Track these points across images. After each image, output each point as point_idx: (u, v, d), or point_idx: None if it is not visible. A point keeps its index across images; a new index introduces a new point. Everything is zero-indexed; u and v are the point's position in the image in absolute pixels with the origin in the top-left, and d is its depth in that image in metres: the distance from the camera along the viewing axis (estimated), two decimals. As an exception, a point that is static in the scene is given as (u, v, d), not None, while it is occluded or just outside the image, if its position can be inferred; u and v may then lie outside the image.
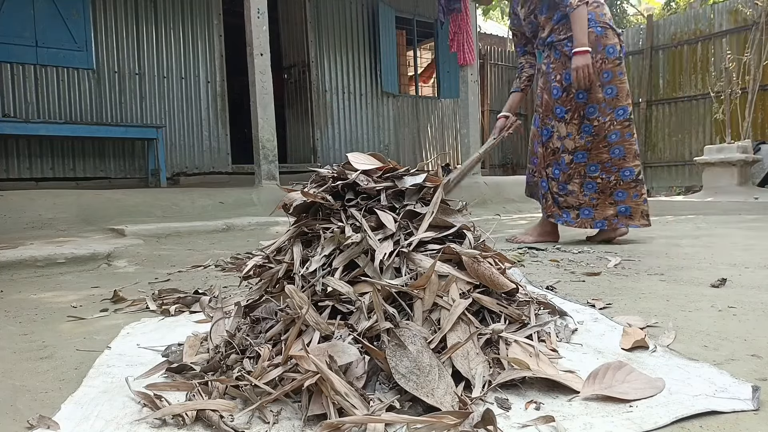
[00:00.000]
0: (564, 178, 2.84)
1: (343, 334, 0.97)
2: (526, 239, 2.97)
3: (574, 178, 2.82)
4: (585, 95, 2.74)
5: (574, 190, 2.82)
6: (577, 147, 2.79)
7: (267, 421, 0.82)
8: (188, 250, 2.91)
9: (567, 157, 2.81)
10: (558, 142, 2.83)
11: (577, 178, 2.82)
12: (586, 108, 2.75)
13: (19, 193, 3.73)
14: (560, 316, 1.24)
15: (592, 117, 2.75)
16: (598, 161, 2.78)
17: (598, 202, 2.80)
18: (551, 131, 2.85)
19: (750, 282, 1.75)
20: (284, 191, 1.38)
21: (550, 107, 2.83)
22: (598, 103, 2.73)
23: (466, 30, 6.40)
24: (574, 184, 2.82)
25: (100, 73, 6.05)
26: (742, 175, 6.79)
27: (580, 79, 2.66)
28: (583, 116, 2.77)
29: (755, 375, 0.95)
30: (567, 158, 2.81)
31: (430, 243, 1.18)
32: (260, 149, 4.69)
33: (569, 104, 2.77)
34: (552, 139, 2.85)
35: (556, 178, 2.87)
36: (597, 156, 2.77)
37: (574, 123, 2.78)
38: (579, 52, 2.65)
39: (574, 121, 2.78)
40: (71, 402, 0.92)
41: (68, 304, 1.77)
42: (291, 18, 7.90)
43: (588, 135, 2.77)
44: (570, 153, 2.80)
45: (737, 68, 7.53)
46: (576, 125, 2.78)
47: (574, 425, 0.78)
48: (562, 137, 2.81)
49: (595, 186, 2.79)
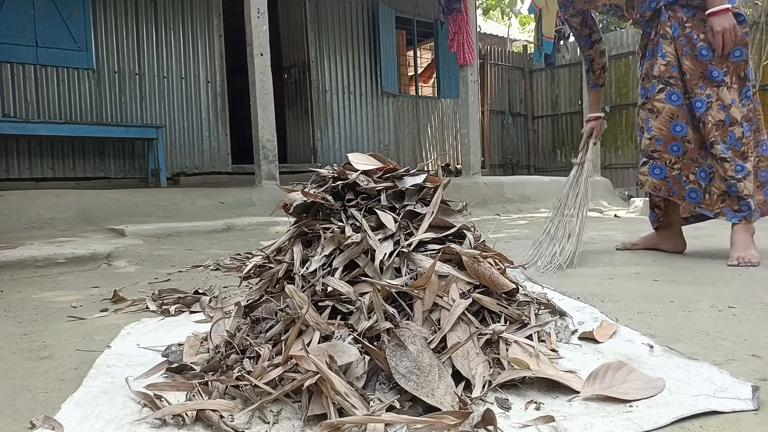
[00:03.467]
0: (738, 156, 2.19)
1: (343, 334, 0.97)
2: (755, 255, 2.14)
3: (748, 156, 2.20)
4: (744, 52, 2.21)
5: (751, 171, 2.19)
6: (743, 116, 2.22)
7: (267, 421, 0.82)
8: (188, 250, 2.91)
9: (737, 129, 2.20)
10: (722, 112, 2.20)
11: (752, 157, 2.22)
12: (747, 67, 2.24)
13: (19, 193, 3.73)
14: (560, 316, 1.24)
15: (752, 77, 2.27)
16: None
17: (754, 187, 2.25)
18: (707, 101, 2.22)
19: (750, 282, 1.75)
20: (284, 191, 1.38)
21: (699, 73, 2.23)
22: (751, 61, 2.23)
23: (466, 30, 6.40)
24: (750, 163, 2.20)
25: (100, 73, 6.05)
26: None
27: (727, 45, 2.15)
28: (744, 77, 2.24)
29: (755, 375, 0.95)
30: (738, 131, 2.20)
31: (430, 243, 1.18)
32: (260, 149, 4.69)
33: (725, 65, 2.21)
34: (711, 111, 2.21)
35: (730, 158, 2.18)
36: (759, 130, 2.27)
37: (735, 87, 2.23)
38: (719, 11, 2.14)
39: (734, 84, 2.23)
40: (71, 402, 0.92)
41: (68, 304, 1.77)
42: (291, 18, 7.90)
43: (749, 101, 2.25)
44: (740, 125, 2.20)
45: (737, 68, 7.53)
46: (737, 90, 2.23)
47: (574, 425, 0.78)
48: (726, 106, 2.20)
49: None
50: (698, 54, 2.23)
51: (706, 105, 2.22)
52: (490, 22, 16.10)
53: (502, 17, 16.96)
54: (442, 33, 8.13)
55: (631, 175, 9.64)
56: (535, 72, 11.11)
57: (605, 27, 13.63)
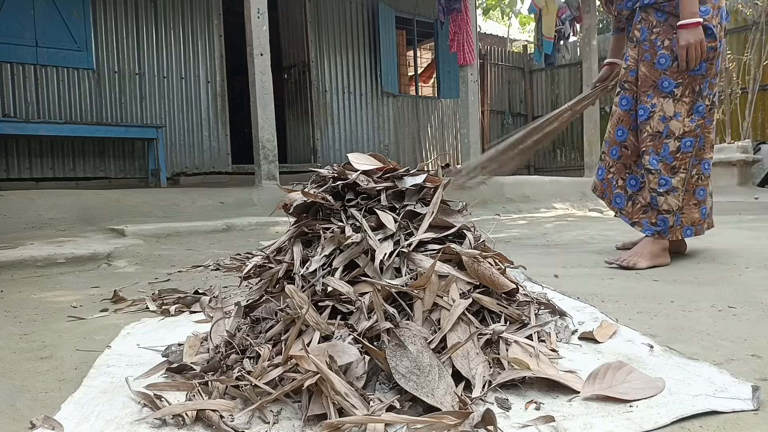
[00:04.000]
0: (667, 170, 2.18)
1: (343, 334, 0.97)
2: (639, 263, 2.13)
3: (679, 171, 2.18)
4: (704, 66, 2.13)
5: (678, 188, 2.17)
6: (685, 132, 2.16)
7: (267, 421, 0.82)
8: (188, 250, 2.91)
9: (673, 143, 2.16)
10: (661, 124, 2.18)
11: (682, 172, 2.19)
12: (704, 82, 2.16)
13: (19, 193, 3.72)
14: (560, 316, 1.24)
15: (705, 94, 2.17)
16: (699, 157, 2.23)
17: (684, 203, 2.23)
18: (651, 110, 2.20)
19: (750, 282, 1.75)
20: (284, 191, 1.38)
21: (651, 81, 2.20)
22: (714, 77, 2.17)
23: (466, 30, 6.40)
24: (678, 179, 2.18)
25: (100, 73, 6.05)
26: (742, 175, 6.80)
27: (691, 61, 2.09)
28: (698, 92, 2.16)
29: (755, 375, 0.95)
30: (672, 145, 2.16)
31: (430, 243, 1.18)
32: (260, 149, 4.69)
33: (681, 77, 2.15)
34: (652, 120, 2.19)
35: (655, 170, 2.18)
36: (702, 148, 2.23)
37: (685, 101, 2.16)
38: (689, 25, 2.06)
39: (684, 98, 2.16)
40: (71, 402, 0.92)
41: (68, 304, 1.77)
42: (291, 18, 7.90)
43: (700, 117, 2.18)
44: (677, 138, 2.16)
45: (737, 68, 7.53)
46: (687, 104, 2.16)
47: (574, 425, 0.78)
48: (667, 118, 2.17)
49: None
50: (656, 62, 2.19)
51: (648, 114, 2.21)
52: (490, 22, 16.11)
53: (502, 17, 16.97)
54: (442, 33, 8.13)
55: (631, 175, 9.64)
56: (535, 72, 11.12)
57: (605, 27, 13.64)
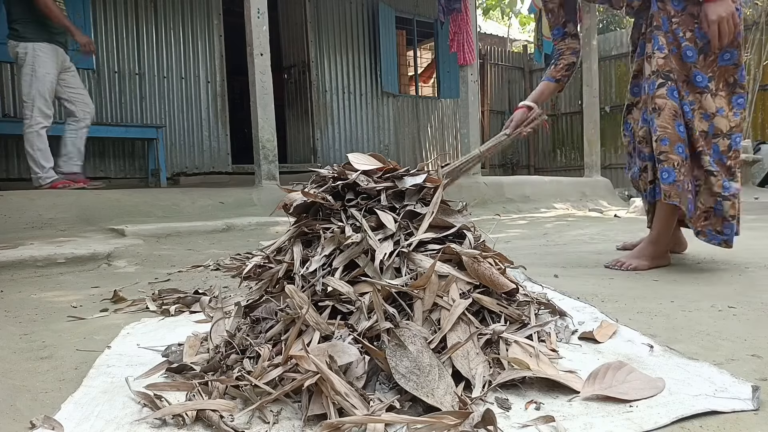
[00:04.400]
0: (725, 171, 1.98)
1: (343, 334, 0.97)
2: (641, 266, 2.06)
3: (736, 171, 2.00)
4: (735, 54, 1.96)
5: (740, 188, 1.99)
6: (732, 127, 1.97)
7: (267, 421, 0.82)
8: (188, 250, 2.91)
9: (722, 142, 1.97)
10: (704, 122, 1.98)
11: (739, 172, 2.01)
12: (738, 71, 1.98)
13: (19, 193, 3.72)
14: (560, 316, 1.24)
15: (743, 83, 2.00)
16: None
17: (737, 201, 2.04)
18: (692, 107, 2.00)
19: (750, 282, 1.75)
20: (284, 191, 1.38)
21: (684, 75, 2.01)
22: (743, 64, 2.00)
23: (466, 30, 6.40)
24: (738, 180, 1.99)
25: (100, 73, 6.05)
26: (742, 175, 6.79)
27: (723, 36, 1.89)
28: (734, 83, 1.99)
29: (755, 375, 0.95)
30: (722, 144, 1.97)
31: (430, 243, 1.18)
32: (260, 149, 4.69)
33: (711, 69, 1.98)
34: (695, 119, 1.98)
35: (717, 171, 1.96)
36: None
37: (722, 95, 1.99)
38: None
39: (720, 92, 1.99)
40: (71, 402, 0.92)
41: (68, 304, 1.77)
42: (291, 18, 7.90)
43: (742, 109, 2.00)
44: (725, 136, 1.97)
45: (737, 68, 7.53)
46: (725, 98, 1.99)
47: (574, 425, 0.78)
48: (710, 115, 1.97)
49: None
50: (683, 54, 1.99)
51: (691, 111, 1.99)
52: (490, 22, 16.11)
53: (502, 17, 16.96)
54: (442, 33, 8.13)
55: (631, 175, 9.64)
56: (535, 72, 11.12)
57: (605, 27, 13.64)
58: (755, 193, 6.55)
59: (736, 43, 1.94)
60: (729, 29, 1.87)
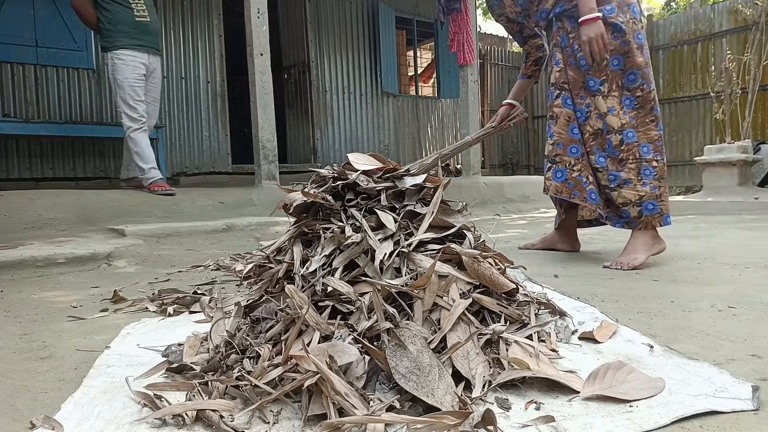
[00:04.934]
0: (614, 165, 2.25)
1: (343, 334, 0.97)
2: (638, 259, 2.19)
3: (627, 163, 2.24)
4: (621, 60, 2.23)
5: (631, 179, 2.23)
6: (623, 124, 2.23)
7: (267, 421, 0.82)
8: (188, 250, 2.91)
9: (615, 137, 2.23)
10: (599, 121, 2.26)
11: (632, 162, 2.24)
12: (624, 76, 2.25)
13: (19, 193, 3.72)
14: (560, 316, 1.24)
15: (634, 86, 2.25)
16: (648, 140, 2.25)
17: (661, 191, 2.25)
18: (587, 110, 2.28)
19: (750, 282, 1.75)
20: (284, 191, 1.38)
21: (580, 82, 2.30)
22: (639, 67, 2.23)
23: (466, 30, 6.40)
24: (629, 170, 2.23)
25: (100, 73, 6.05)
26: (742, 175, 6.80)
27: (594, 54, 2.19)
28: (622, 86, 2.25)
29: (755, 375, 0.95)
30: (615, 139, 2.23)
31: (430, 243, 1.18)
32: (260, 149, 4.69)
33: (603, 73, 2.25)
34: (590, 120, 2.27)
35: (603, 167, 2.26)
36: (645, 134, 2.25)
37: (614, 96, 2.25)
38: (587, 20, 2.18)
39: (613, 93, 2.25)
40: (71, 402, 0.92)
41: (68, 304, 1.77)
42: (291, 18, 7.90)
43: (631, 110, 2.25)
44: (617, 132, 2.23)
45: (737, 68, 7.53)
46: (616, 98, 2.25)
47: (574, 425, 0.78)
48: (603, 114, 2.25)
49: (653, 172, 2.25)
50: (579, 64, 2.28)
51: (585, 114, 2.28)
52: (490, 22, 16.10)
53: (502, 17, 16.93)
54: (442, 33, 8.13)
55: (631, 175, 9.64)
56: (535, 72, 11.09)
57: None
58: (755, 193, 6.55)
59: (621, 51, 2.21)
60: (599, 47, 2.18)
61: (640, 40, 2.25)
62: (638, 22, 2.27)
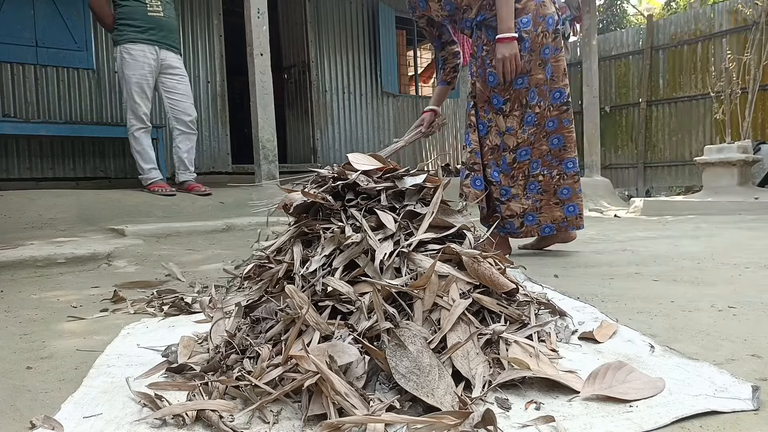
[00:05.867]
0: (506, 181, 2.40)
1: (343, 334, 0.97)
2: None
3: (518, 179, 2.40)
4: (525, 79, 2.30)
5: (518, 194, 2.40)
6: (519, 143, 2.35)
7: (267, 421, 0.82)
8: (188, 250, 2.91)
9: (509, 156, 2.37)
10: (497, 138, 2.38)
11: (521, 179, 2.40)
12: (528, 94, 2.32)
13: (19, 193, 3.72)
14: (560, 316, 1.24)
15: (534, 103, 2.33)
16: (539, 155, 2.38)
17: (542, 204, 2.42)
18: (488, 125, 2.40)
19: (750, 282, 1.75)
20: (284, 191, 1.38)
21: (486, 96, 2.39)
22: (538, 85, 2.31)
23: (466, 30, 6.40)
24: (517, 186, 2.40)
25: (100, 73, 6.05)
26: (742, 175, 6.80)
27: (507, 73, 2.25)
28: (525, 105, 2.33)
29: (755, 375, 0.95)
30: (509, 157, 2.37)
31: (430, 243, 1.18)
32: (260, 149, 4.69)
33: (508, 93, 2.33)
34: (490, 134, 2.39)
35: (497, 182, 2.40)
36: (538, 149, 2.37)
37: (515, 115, 2.34)
38: (504, 39, 2.22)
39: (514, 112, 2.34)
40: (71, 402, 0.92)
41: (68, 304, 1.77)
42: (291, 18, 7.90)
43: (531, 126, 2.34)
44: (512, 151, 2.36)
45: (737, 68, 7.53)
46: (517, 117, 2.34)
47: (574, 425, 0.78)
48: (502, 132, 2.37)
49: (537, 186, 2.40)
50: (487, 79, 2.35)
51: (486, 128, 2.40)
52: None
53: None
54: (442, 33, 8.11)
55: (631, 175, 9.65)
56: (535, 72, 11.10)
57: (605, 27, 13.63)
58: (755, 193, 6.55)
59: (526, 69, 2.29)
60: (511, 67, 2.24)
61: (546, 55, 2.31)
62: (549, 35, 2.31)
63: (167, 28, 4.27)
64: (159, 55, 4.22)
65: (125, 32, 4.10)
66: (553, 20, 2.31)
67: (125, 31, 4.10)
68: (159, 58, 4.22)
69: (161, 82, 4.33)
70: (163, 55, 4.24)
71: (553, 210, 2.42)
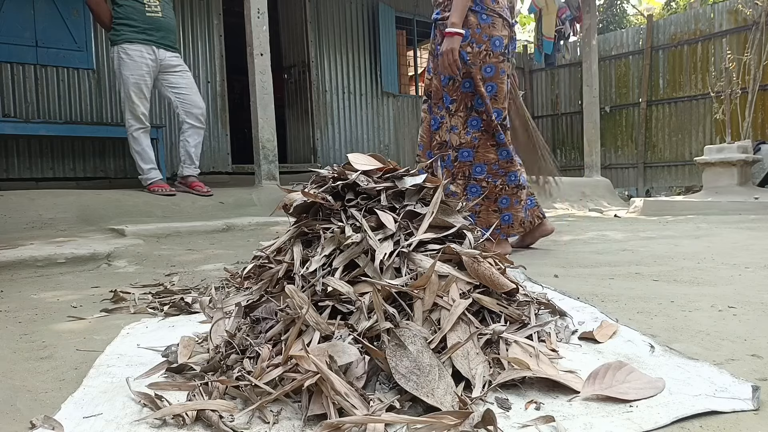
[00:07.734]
0: (448, 176, 2.47)
1: (343, 334, 0.97)
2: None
3: (458, 178, 2.47)
4: (471, 84, 2.39)
5: (457, 192, 2.45)
6: (462, 143, 2.43)
7: (267, 421, 0.82)
8: (188, 250, 2.91)
9: (452, 153, 2.45)
10: (446, 134, 2.48)
11: (461, 179, 2.46)
12: (474, 99, 2.41)
13: (19, 193, 3.72)
14: (560, 316, 1.24)
15: (481, 109, 2.41)
16: (485, 161, 2.44)
17: (481, 208, 2.48)
18: (440, 121, 2.51)
19: (750, 282, 1.75)
20: (284, 191, 1.38)
21: (440, 94, 2.49)
22: (482, 96, 2.39)
23: (466, 30, 6.40)
24: (458, 185, 2.46)
25: (100, 73, 6.05)
26: (742, 175, 6.80)
27: (444, 66, 2.33)
28: (471, 108, 2.42)
29: (755, 375, 0.95)
30: (452, 155, 2.45)
31: (430, 243, 1.18)
32: (260, 149, 4.69)
33: (455, 93, 2.42)
34: (440, 131, 2.51)
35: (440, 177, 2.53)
36: (484, 156, 2.43)
37: (459, 115, 2.43)
38: (448, 34, 2.31)
39: (459, 113, 2.43)
40: (71, 402, 0.92)
41: (68, 304, 1.77)
42: (291, 18, 7.90)
43: (476, 130, 2.42)
44: (455, 149, 2.45)
45: (737, 68, 7.53)
46: (461, 118, 2.43)
47: (574, 425, 0.78)
48: (449, 130, 2.47)
49: (479, 190, 2.45)
50: (441, 78, 2.44)
51: (438, 124, 2.50)
52: (490, 22, 16.07)
53: (502, 17, 16.93)
54: (442, 33, 8.11)
55: (631, 175, 9.65)
56: (535, 72, 11.12)
57: (605, 27, 13.64)
58: (755, 193, 6.55)
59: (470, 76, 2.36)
60: (448, 61, 2.30)
61: (488, 72, 2.38)
62: (494, 56, 2.38)
63: (165, 28, 4.27)
64: (157, 56, 4.21)
65: (123, 32, 4.09)
66: (501, 42, 2.40)
67: (123, 31, 4.09)
68: (158, 59, 4.22)
69: (163, 81, 4.31)
70: (161, 55, 4.23)
71: (490, 216, 2.49)
